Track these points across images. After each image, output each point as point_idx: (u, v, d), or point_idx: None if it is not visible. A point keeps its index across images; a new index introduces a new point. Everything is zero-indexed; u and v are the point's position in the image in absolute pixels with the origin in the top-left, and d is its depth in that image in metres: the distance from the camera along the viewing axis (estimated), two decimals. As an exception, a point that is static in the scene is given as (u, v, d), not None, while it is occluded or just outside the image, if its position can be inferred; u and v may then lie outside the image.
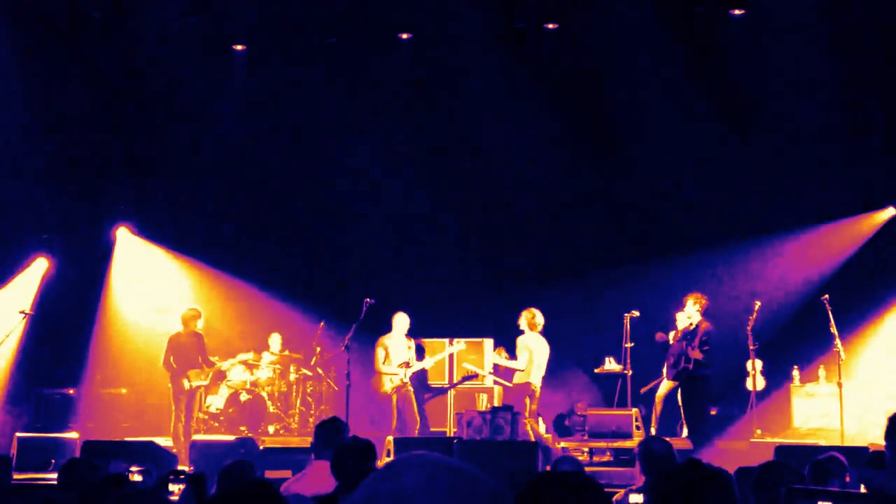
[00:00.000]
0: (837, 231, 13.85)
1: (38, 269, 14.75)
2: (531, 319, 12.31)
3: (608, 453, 12.02)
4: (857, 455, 7.36)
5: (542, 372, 12.31)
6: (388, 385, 12.81)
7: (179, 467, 9.59)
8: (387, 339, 12.90)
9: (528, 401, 12.21)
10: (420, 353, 13.33)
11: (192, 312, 13.18)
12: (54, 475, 9.86)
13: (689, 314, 11.96)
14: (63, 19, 13.95)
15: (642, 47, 13.85)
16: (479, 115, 14.69)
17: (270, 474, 8.73)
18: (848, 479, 5.76)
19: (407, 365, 12.74)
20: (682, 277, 13.67)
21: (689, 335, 11.89)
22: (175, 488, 5.11)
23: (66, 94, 14.35)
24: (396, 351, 12.87)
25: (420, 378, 13.51)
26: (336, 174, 15.27)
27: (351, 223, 15.35)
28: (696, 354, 11.74)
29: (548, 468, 8.41)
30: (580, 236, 14.54)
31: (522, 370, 12.19)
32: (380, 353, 12.85)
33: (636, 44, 13.73)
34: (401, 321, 12.93)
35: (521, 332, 12.34)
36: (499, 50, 14.30)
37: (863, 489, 5.74)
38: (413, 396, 12.84)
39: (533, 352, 12.19)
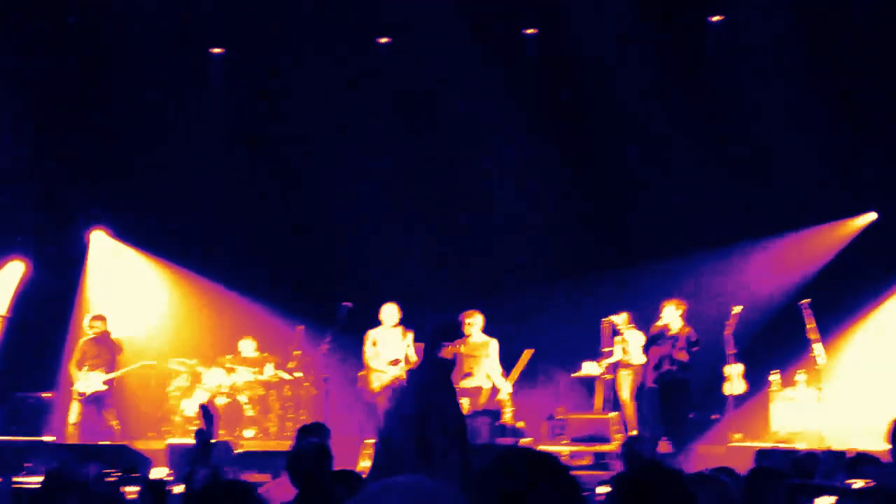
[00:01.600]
0: (818, 235, 13.89)
1: (13, 271, 14.59)
2: (482, 322, 11.90)
3: (588, 457, 11.99)
4: (836, 459, 7.31)
5: None
6: (375, 383, 12.02)
7: (154, 470, 9.49)
8: (375, 332, 12.09)
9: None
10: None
11: (96, 316, 13.21)
12: (30, 479, 9.82)
13: (670, 319, 11.97)
14: (35, 22, 13.84)
15: (623, 53, 13.91)
16: (460, 119, 14.67)
17: (247, 477, 8.66)
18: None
19: (397, 362, 11.89)
20: (663, 282, 13.68)
21: (670, 339, 11.88)
22: (131, 489, 5.07)
23: (38, 96, 14.24)
24: (387, 345, 12.01)
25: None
26: (314, 176, 15.17)
27: (331, 226, 15.25)
28: (683, 356, 11.77)
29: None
30: (561, 241, 14.48)
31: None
32: (367, 347, 12.05)
33: (617, 50, 13.78)
34: (389, 312, 12.09)
35: (470, 337, 11.76)
36: (479, 55, 14.30)
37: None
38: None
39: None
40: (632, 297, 13.56)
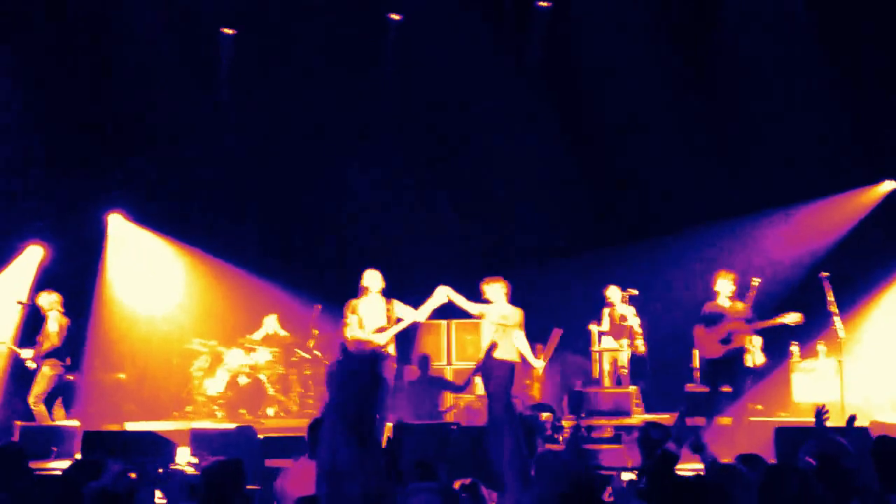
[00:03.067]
0: (836, 206, 13.80)
1: (32, 256, 14.68)
2: (507, 288, 11.21)
3: (608, 429, 12.01)
4: (859, 438, 7.29)
5: None
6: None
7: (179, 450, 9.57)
8: (358, 302, 11.04)
9: None
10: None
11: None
12: (55, 463, 9.95)
13: (728, 293, 11.57)
14: (49, 6, 13.82)
15: (626, 27, 13.82)
16: (469, 96, 14.61)
17: (271, 463, 8.76)
18: None
19: (382, 329, 10.89)
20: (680, 255, 13.70)
21: (734, 312, 11.59)
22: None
23: (54, 81, 14.23)
24: (371, 315, 11.03)
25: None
26: (330, 156, 15.23)
27: (347, 206, 15.31)
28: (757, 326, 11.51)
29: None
30: (575, 217, 14.48)
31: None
32: (351, 318, 10.93)
33: (620, 24, 13.68)
34: (371, 279, 11.06)
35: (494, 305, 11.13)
36: (487, 31, 14.21)
37: None
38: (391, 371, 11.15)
39: None
40: (651, 270, 13.59)
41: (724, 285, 11.33)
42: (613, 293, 13.38)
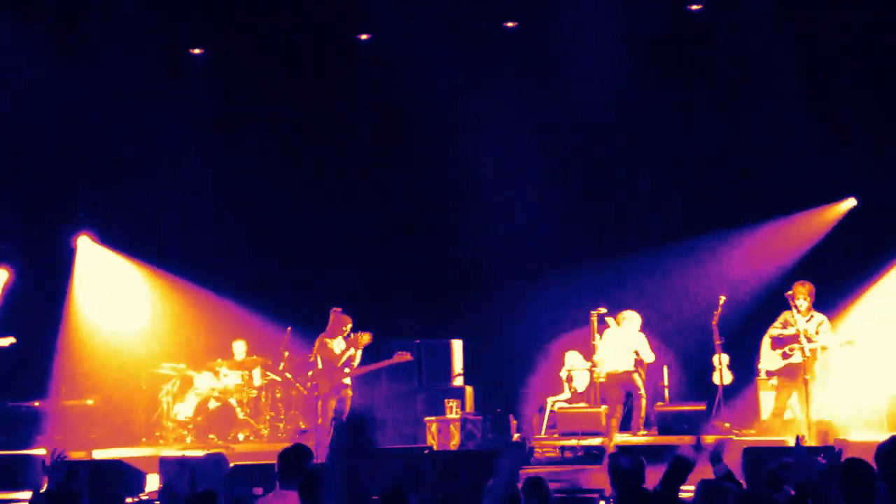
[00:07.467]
0: (799, 223, 13.92)
1: (-2, 279, 14.54)
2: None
3: (579, 450, 12.05)
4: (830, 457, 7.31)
5: None
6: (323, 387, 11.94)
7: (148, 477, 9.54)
8: (327, 338, 12.01)
9: None
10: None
11: None
12: (22, 494, 9.83)
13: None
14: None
15: (604, 42, 13.88)
16: (443, 113, 14.59)
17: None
18: None
19: (340, 365, 11.80)
20: (647, 273, 13.79)
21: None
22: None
23: (23, 100, 14.15)
24: (332, 349, 11.91)
25: None
26: (298, 177, 15.20)
27: (317, 229, 15.26)
28: None
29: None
30: (543, 234, 14.49)
31: None
32: (319, 358, 12.00)
33: (599, 39, 13.76)
34: (336, 320, 12.01)
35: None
36: (460, 48, 14.26)
37: None
38: (346, 405, 11.88)
39: None
40: (618, 288, 13.67)
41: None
42: (573, 359, 13.52)
